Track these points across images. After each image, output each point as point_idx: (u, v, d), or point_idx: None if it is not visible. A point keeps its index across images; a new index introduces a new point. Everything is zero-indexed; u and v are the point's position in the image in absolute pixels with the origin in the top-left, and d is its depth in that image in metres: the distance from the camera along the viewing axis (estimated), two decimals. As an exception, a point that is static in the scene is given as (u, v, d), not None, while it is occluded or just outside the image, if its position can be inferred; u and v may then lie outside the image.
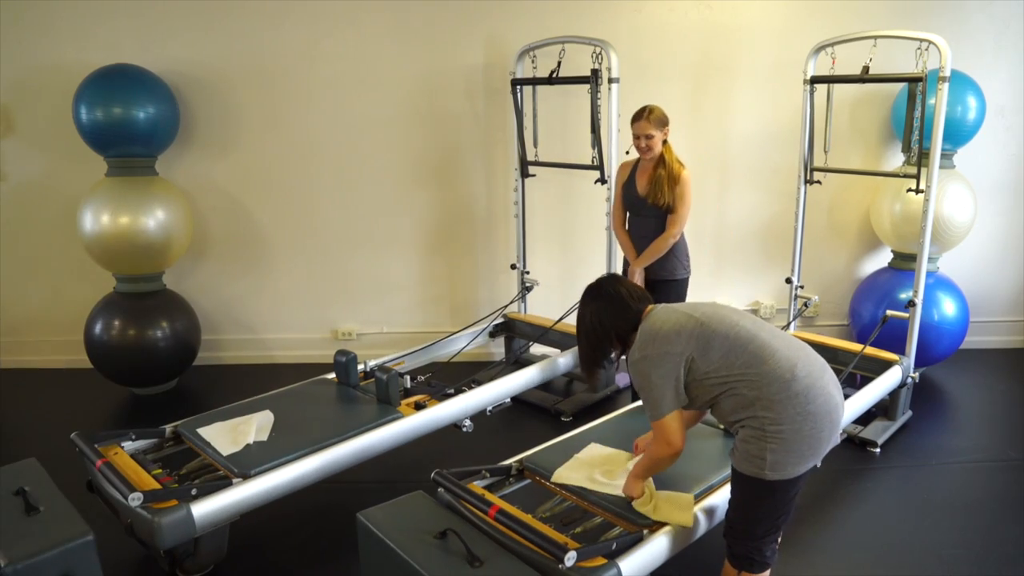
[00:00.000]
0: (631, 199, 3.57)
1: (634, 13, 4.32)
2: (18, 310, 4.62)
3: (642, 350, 2.12)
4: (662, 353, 2.08)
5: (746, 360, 2.05)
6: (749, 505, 2.14)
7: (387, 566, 2.11)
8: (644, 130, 3.40)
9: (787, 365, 2.03)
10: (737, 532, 2.17)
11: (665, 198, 3.44)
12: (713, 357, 2.07)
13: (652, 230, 3.52)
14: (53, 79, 4.20)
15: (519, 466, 2.67)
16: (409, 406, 3.19)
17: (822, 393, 2.05)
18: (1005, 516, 2.99)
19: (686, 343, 2.08)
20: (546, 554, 2.04)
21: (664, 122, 3.43)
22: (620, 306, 2.22)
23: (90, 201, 3.98)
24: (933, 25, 4.12)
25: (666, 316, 2.16)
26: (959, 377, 4.39)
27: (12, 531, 2.13)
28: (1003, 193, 4.63)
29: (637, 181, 3.54)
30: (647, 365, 2.10)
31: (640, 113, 3.41)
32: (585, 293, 2.31)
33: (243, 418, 2.97)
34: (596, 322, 2.24)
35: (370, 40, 4.34)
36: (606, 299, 2.24)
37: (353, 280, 4.68)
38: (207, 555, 2.56)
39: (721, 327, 2.10)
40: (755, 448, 2.04)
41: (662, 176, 3.44)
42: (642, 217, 3.56)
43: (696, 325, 2.10)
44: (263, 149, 4.46)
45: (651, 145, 3.41)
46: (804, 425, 2.01)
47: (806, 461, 2.05)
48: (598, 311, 2.24)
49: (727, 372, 2.06)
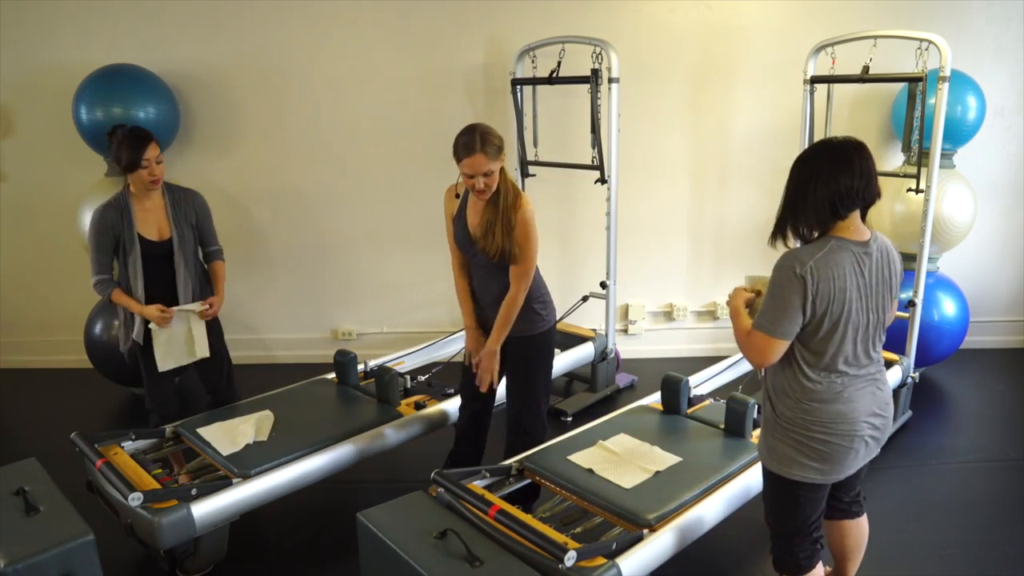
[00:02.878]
0: (463, 239, 2.70)
1: (634, 13, 4.32)
2: (18, 310, 4.62)
3: (812, 259, 1.84)
4: (803, 282, 1.83)
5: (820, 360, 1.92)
6: (767, 496, 2.15)
7: (387, 566, 2.11)
8: (480, 167, 2.47)
9: (840, 389, 1.94)
10: (771, 530, 2.17)
11: (498, 245, 2.56)
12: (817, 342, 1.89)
13: (494, 274, 2.69)
14: (53, 79, 4.20)
15: (519, 466, 2.67)
16: (409, 406, 3.19)
17: (846, 419, 1.96)
18: (1005, 516, 2.99)
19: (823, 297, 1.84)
20: (546, 554, 2.04)
21: (501, 148, 2.53)
22: (845, 200, 1.85)
23: (90, 201, 3.97)
24: (933, 25, 4.11)
25: (835, 253, 1.86)
26: (959, 377, 4.38)
27: (12, 531, 2.14)
28: (1003, 193, 4.63)
29: (468, 216, 2.67)
30: (782, 276, 1.86)
31: (470, 143, 2.47)
32: (850, 149, 1.87)
33: (243, 418, 2.98)
34: (829, 186, 1.85)
35: (370, 40, 4.33)
36: (860, 179, 1.84)
37: (353, 280, 4.68)
38: (207, 555, 2.56)
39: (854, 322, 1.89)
40: (767, 430, 2.05)
41: (492, 219, 2.56)
42: (478, 263, 2.71)
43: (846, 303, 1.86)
44: (263, 149, 4.46)
45: (489, 183, 2.51)
46: (813, 435, 1.95)
47: (814, 471, 1.98)
48: (837, 179, 1.84)
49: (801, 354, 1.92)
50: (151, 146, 2.87)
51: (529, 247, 2.59)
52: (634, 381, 4.33)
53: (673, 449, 2.70)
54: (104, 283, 2.95)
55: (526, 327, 2.72)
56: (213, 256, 3.18)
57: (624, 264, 4.29)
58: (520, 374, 2.79)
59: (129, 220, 2.91)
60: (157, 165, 2.90)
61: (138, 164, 2.84)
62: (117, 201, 2.93)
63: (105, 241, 2.92)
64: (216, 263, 3.18)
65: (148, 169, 2.87)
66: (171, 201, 3.01)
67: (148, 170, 2.87)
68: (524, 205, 2.59)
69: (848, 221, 1.90)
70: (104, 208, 2.92)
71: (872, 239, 1.94)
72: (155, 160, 2.89)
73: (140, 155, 2.83)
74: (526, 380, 2.78)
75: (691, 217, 4.64)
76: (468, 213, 2.69)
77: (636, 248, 4.54)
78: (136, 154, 2.83)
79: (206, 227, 3.13)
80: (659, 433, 2.87)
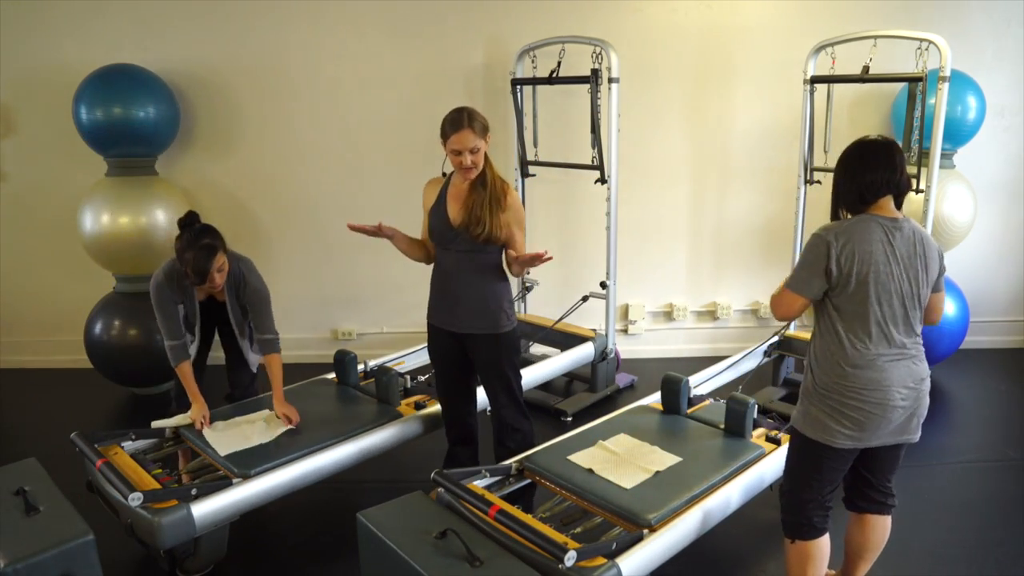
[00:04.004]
0: (441, 229, 2.73)
1: (634, 13, 4.32)
2: (18, 310, 4.61)
3: (840, 227, 2.06)
4: (836, 250, 2.03)
5: (856, 327, 2.06)
6: (791, 460, 2.24)
7: (387, 566, 2.11)
8: (467, 142, 2.56)
9: (871, 357, 2.06)
10: (786, 494, 2.26)
11: (487, 227, 2.61)
12: (855, 303, 2.05)
13: (468, 268, 2.71)
14: (53, 79, 4.20)
15: (519, 466, 2.67)
16: (409, 406, 3.19)
17: (879, 386, 2.07)
18: (1004, 516, 2.99)
19: (857, 272, 2.02)
20: (546, 554, 2.04)
21: (486, 127, 2.63)
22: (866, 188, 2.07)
23: (90, 201, 3.98)
24: (933, 25, 4.11)
25: (871, 236, 2.05)
26: (959, 377, 4.39)
27: (12, 531, 2.13)
28: (1003, 193, 4.63)
29: (448, 206, 2.72)
30: (816, 241, 2.07)
31: (458, 119, 2.58)
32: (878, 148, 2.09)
33: (243, 417, 2.98)
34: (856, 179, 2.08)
35: (371, 40, 4.33)
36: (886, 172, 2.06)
37: (353, 280, 4.68)
38: (207, 555, 2.56)
39: (889, 290, 2.05)
40: (803, 399, 2.17)
41: (482, 199, 2.62)
42: (453, 252, 2.73)
43: (875, 268, 2.03)
44: (264, 149, 4.46)
45: (476, 161, 2.60)
46: (846, 399, 2.07)
47: (844, 436, 2.09)
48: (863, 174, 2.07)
49: (839, 317, 2.08)
50: (217, 256, 2.77)
51: (521, 225, 2.73)
52: (634, 381, 4.33)
53: (673, 449, 2.70)
54: (177, 350, 2.88)
55: (492, 325, 2.75)
56: (263, 347, 2.99)
57: (624, 264, 4.29)
58: (493, 373, 2.83)
59: (190, 292, 2.90)
60: (219, 274, 2.81)
61: (205, 279, 2.76)
62: (177, 273, 2.85)
63: (170, 310, 2.87)
64: (269, 356, 2.97)
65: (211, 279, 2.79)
66: (228, 287, 2.94)
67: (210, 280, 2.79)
68: (511, 189, 2.72)
69: (877, 206, 2.09)
70: (165, 279, 2.85)
71: (904, 220, 2.10)
72: (216, 270, 2.79)
73: (209, 266, 2.74)
74: (500, 378, 2.83)
75: (691, 217, 4.64)
76: (448, 202, 2.73)
77: (636, 248, 4.54)
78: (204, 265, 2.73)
79: (258, 319, 2.98)
80: (659, 433, 2.87)
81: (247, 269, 2.96)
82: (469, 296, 2.73)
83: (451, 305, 2.78)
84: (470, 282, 2.72)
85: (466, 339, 2.79)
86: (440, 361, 2.93)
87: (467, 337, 2.79)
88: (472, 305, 2.74)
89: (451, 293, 2.77)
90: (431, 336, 2.91)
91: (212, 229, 2.85)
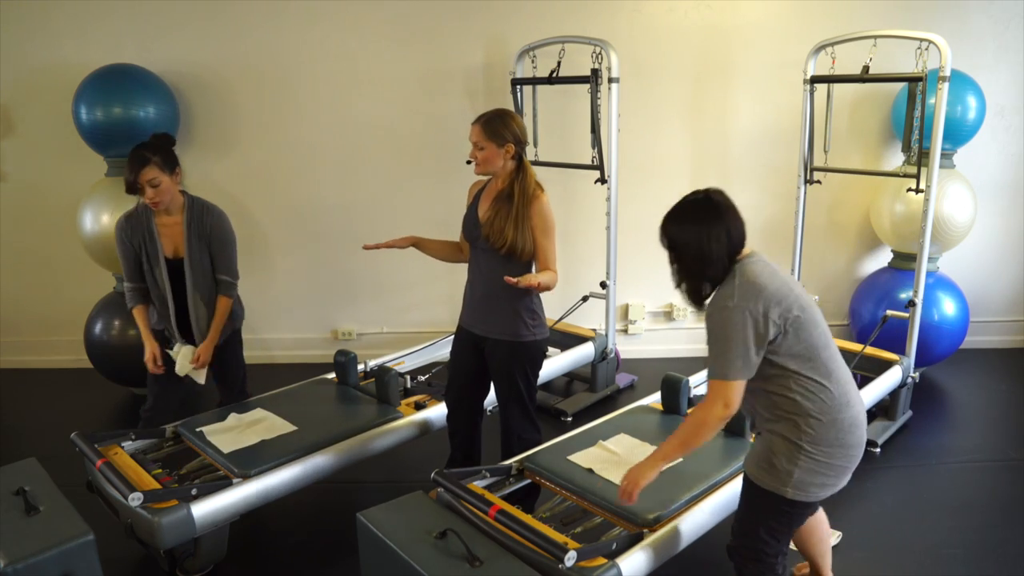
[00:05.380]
0: (469, 226, 2.74)
1: (634, 13, 4.32)
2: (18, 310, 4.61)
3: (743, 299, 1.86)
4: (763, 312, 1.85)
5: (816, 366, 1.91)
6: (763, 521, 2.03)
7: (387, 566, 2.11)
8: (472, 136, 2.63)
9: (844, 389, 1.95)
10: (749, 553, 2.07)
11: (507, 239, 2.58)
12: (802, 340, 1.88)
13: (494, 269, 2.65)
14: (53, 79, 4.20)
15: (519, 466, 2.67)
16: (409, 406, 3.19)
17: (861, 426, 1.99)
18: (1005, 516, 2.99)
19: (787, 311, 1.87)
20: (546, 554, 2.04)
21: (502, 136, 2.58)
22: (736, 238, 1.92)
23: (90, 201, 3.97)
24: (933, 25, 4.11)
25: (771, 271, 1.93)
26: (959, 377, 4.38)
27: (12, 531, 2.13)
28: (1003, 193, 4.63)
29: (481, 203, 2.74)
30: (740, 316, 1.85)
31: (480, 115, 2.67)
32: (699, 208, 1.96)
33: (244, 416, 2.98)
34: (713, 248, 1.90)
35: (370, 40, 4.33)
36: (728, 222, 1.92)
37: (353, 280, 4.68)
38: (207, 555, 2.56)
39: (815, 315, 1.92)
40: (784, 461, 1.94)
41: (505, 212, 2.60)
42: (481, 254, 2.72)
43: (796, 299, 1.90)
44: (263, 149, 4.46)
45: (481, 158, 2.63)
46: (837, 453, 1.95)
47: (828, 488, 2.00)
48: (719, 236, 1.90)
49: (797, 367, 1.90)
50: (147, 168, 2.73)
51: (548, 239, 2.66)
52: (634, 381, 4.33)
53: (673, 449, 2.70)
54: (131, 292, 2.92)
55: (511, 331, 2.70)
56: (219, 288, 2.99)
57: (624, 264, 4.29)
58: (506, 382, 2.77)
59: (151, 233, 2.85)
60: (152, 188, 2.74)
61: (134, 188, 2.74)
62: (138, 212, 2.85)
63: (127, 251, 2.87)
64: (220, 297, 2.98)
65: (143, 191, 2.75)
66: (188, 220, 2.89)
67: (143, 192, 2.75)
68: (540, 197, 2.65)
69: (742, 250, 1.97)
70: (125, 219, 2.87)
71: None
72: (148, 183, 2.73)
73: (135, 177, 2.72)
74: (512, 388, 2.77)
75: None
76: (482, 200, 2.75)
77: (636, 248, 4.53)
78: (130, 175, 2.73)
79: (220, 253, 2.95)
80: (659, 433, 2.87)
81: (213, 208, 2.94)
82: (492, 297, 2.70)
83: (476, 304, 2.77)
84: (494, 283, 2.64)
85: (485, 342, 2.76)
86: (453, 361, 2.90)
87: (486, 341, 2.75)
88: (494, 307, 2.71)
89: (477, 292, 2.76)
90: (456, 335, 2.88)
91: (160, 144, 2.81)
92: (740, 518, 2.12)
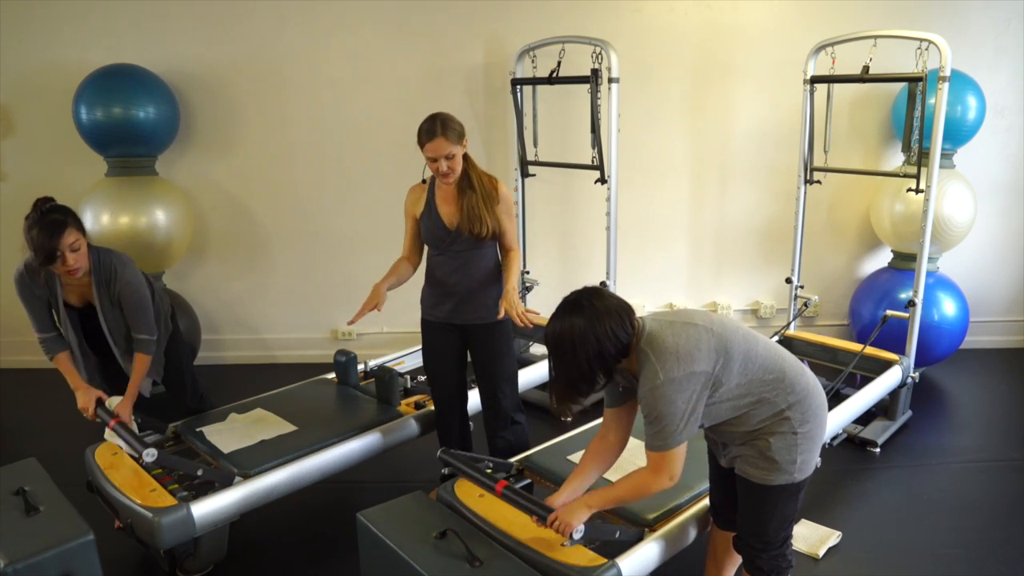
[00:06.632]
0: (437, 234, 2.76)
1: (634, 13, 4.32)
2: (18, 310, 4.58)
3: (666, 372, 1.81)
4: (688, 374, 1.82)
5: (761, 364, 1.93)
6: (776, 514, 2.04)
7: (387, 566, 2.11)
8: (441, 149, 2.60)
9: (789, 363, 2.00)
10: (761, 546, 2.08)
11: (488, 224, 2.69)
12: (735, 369, 1.89)
13: (467, 267, 2.77)
14: (53, 79, 4.20)
15: (519, 466, 2.67)
16: (409, 406, 3.19)
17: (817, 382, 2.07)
18: (1005, 516, 2.99)
19: (709, 358, 1.85)
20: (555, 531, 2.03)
21: (462, 133, 2.66)
22: (618, 323, 1.85)
23: (90, 201, 3.97)
24: (933, 25, 4.11)
25: (675, 331, 1.87)
26: (959, 377, 4.39)
27: (12, 531, 2.13)
28: (1003, 193, 4.63)
29: (440, 210, 2.76)
30: (672, 389, 1.81)
31: (431, 128, 2.62)
32: (568, 310, 1.90)
33: (244, 416, 2.98)
34: (591, 345, 1.82)
35: (370, 40, 4.33)
36: (601, 314, 1.84)
37: (353, 280, 4.66)
38: (207, 555, 2.56)
39: (731, 332, 1.92)
40: (786, 454, 1.96)
41: (476, 200, 2.69)
42: (453, 254, 2.77)
43: (711, 335, 1.87)
44: (263, 149, 4.46)
45: (453, 166, 2.64)
46: (822, 415, 2.03)
47: (818, 451, 2.07)
48: (592, 330, 1.82)
49: (748, 380, 1.92)
50: (67, 232, 2.50)
51: (512, 216, 2.80)
52: (634, 381, 4.32)
53: (673, 449, 2.70)
54: (48, 343, 2.76)
55: (488, 314, 2.78)
56: (136, 345, 2.78)
57: (624, 264, 4.29)
58: (496, 364, 2.86)
59: (53, 289, 2.69)
60: (73, 254, 2.51)
61: (52, 258, 2.48)
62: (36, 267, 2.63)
63: (33, 301, 2.71)
64: (138, 354, 2.77)
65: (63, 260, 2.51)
66: (96, 281, 2.69)
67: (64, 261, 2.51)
68: (500, 183, 2.77)
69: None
70: (23, 274, 2.67)
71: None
72: (69, 248, 2.50)
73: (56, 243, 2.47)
74: (504, 368, 2.87)
75: (691, 217, 4.64)
76: (439, 206, 2.77)
77: (636, 248, 4.54)
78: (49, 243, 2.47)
79: (132, 315, 2.74)
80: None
81: (120, 262, 2.72)
82: (471, 290, 2.79)
83: (452, 302, 2.83)
84: (470, 278, 2.78)
85: (468, 330, 2.84)
86: (436, 358, 2.93)
87: (469, 328, 2.83)
88: (474, 298, 2.80)
89: (452, 292, 2.82)
90: (428, 333, 2.93)
91: (66, 208, 2.60)
92: (748, 517, 2.10)
